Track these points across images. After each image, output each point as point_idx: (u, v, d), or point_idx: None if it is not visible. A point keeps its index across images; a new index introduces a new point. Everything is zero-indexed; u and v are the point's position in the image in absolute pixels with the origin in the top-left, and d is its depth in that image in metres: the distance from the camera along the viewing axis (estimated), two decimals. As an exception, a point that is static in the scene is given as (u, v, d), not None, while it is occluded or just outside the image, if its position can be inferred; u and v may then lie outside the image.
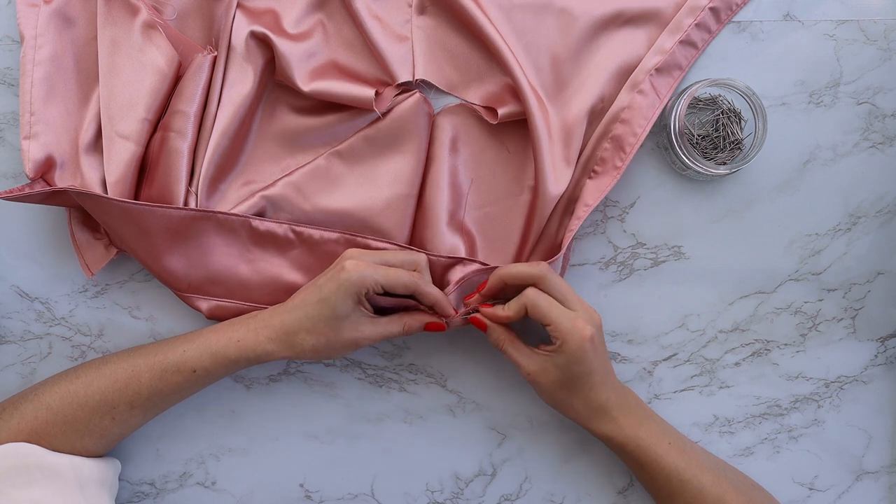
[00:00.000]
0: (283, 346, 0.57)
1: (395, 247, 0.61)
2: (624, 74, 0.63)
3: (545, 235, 0.63)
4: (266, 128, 0.64)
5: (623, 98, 0.63)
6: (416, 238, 0.64)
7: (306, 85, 0.61)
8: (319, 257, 0.62)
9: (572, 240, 0.62)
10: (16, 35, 0.65)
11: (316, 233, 0.61)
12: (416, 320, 0.59)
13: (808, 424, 0.65)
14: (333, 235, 0.61)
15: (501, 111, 0.62)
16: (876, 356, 0.65)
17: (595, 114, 0.63)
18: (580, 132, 0.62)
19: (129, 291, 0.65)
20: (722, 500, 0.56)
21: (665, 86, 0.63)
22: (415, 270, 0.58)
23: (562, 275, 0.63)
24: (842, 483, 0.65)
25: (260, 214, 0.62)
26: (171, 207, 0.59)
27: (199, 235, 0.60)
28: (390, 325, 0.58)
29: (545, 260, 0.61)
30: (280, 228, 0.61)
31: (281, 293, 0.61)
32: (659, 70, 0.63)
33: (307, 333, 0.56)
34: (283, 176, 0.63)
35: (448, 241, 0.62)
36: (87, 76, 0.63)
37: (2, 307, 0.64)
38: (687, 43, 0.64)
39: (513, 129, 0.64)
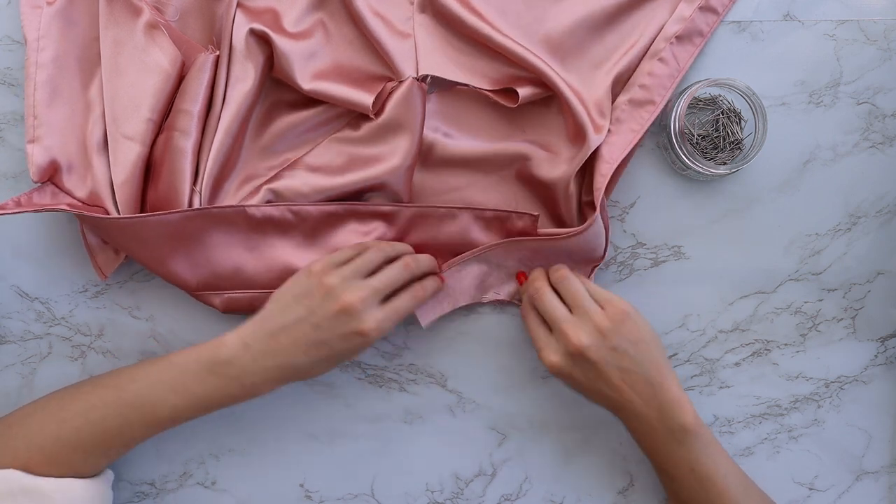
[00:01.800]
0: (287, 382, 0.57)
1: (390, 206, 0.61)
2: (648, 46, 0.64)
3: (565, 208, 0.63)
4: (264, 123, 0.64)
5: (644, 66, 0.63)
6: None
7: (306, 83, 0.61)
8: (322, 232, 0.62)
9: (605, 200, 0.62)
10: (16, 35, 0.65)
11: (314, 209, 0.61)
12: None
13: (808, 424, 0.65)
14: (332, 208, 0.61)
15: (522, 91, 0.61)
16: (876, 356, 0.65)
17: (620, 83, 0.63)
18: (608, 100, 0.62)
19: (129, 291, 0.65)
20: None
21: (685, 54, 0.64)
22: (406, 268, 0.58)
23: (605, 245, 0.63)
24: (842, 483, 0.65)
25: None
26: (165, 213, 0.58)
27: (198, 234, 0.60)
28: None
29: (582, 223, 0.61)
30: (277, 211, 0.61)
31: (289, 274, 0.60)
32: (679, 38, 0.63)
33: (322, 372, 0.57)
34: (283, 168, 0.63)
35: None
36: (90, 77, 0.63)
37: (2, 307, 0.64)
38: (707, 9, 0.64)
39: (528, 113, 0.64)
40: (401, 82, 0.61)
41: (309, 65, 0.62)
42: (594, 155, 0.62)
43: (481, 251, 0.61)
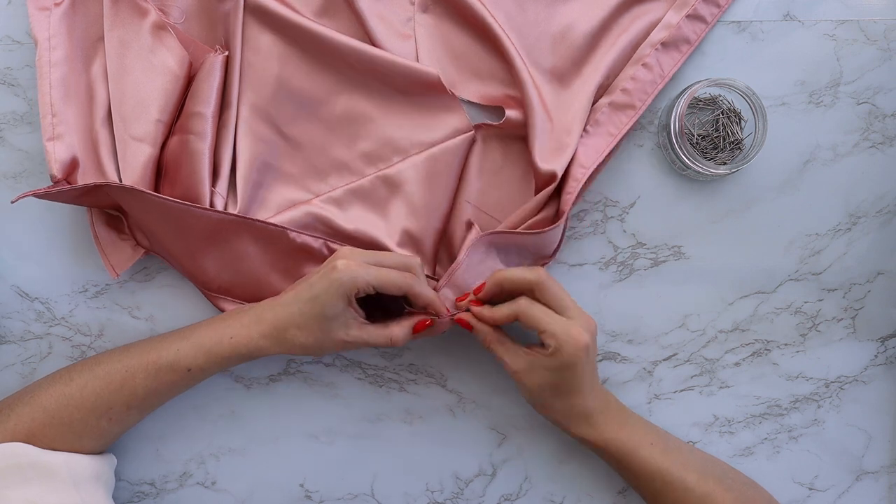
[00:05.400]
0: (274, 343, 0.57)
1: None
2: (633, 50, 0.64)
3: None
4: (315, 141, 0.64)
5: (628, 70, 0.63)
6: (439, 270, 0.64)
7: (363, 53, 0.61)
8: None
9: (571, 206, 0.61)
10: (16, 35, 0.65)
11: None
12: (402, 328, 0.57)
13: (808, 424, 0.65)
14: None
15: (508, 113, 0.62)
16: (876, 356, 0.65)
17: (601, 90, 0.63)
18: (584, 116, 0.62)
19: (129, 291, 0.65)
20: (708, 497, 0.56)
21: (671, 61, 0.63)
22: (408, 272, 0.57)
23: (559, 244, 0.63)
24: (842, 483, 0.65)
25: (300, 227, 0.61)
26: (212, 210, 0.59)
27: (235, 240, 0.60)
28: (376, 335, 0.57)
29: (548, 226, 0.61)
30: (316, 243, 0.61)
31: None
32: (665, 44, 0.63)
33: (297, 329, 0.56)
34: (326, 192, 0.63)
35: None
36: (96, 78, 0.62)
37: (2, 307, 0.64)
38: (695, 17, 0.64)
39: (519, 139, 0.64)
40: (465, 132, 0.62)
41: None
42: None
43: (466, 254, 0.59)
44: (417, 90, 0.63)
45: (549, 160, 0.60)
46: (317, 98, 0.64)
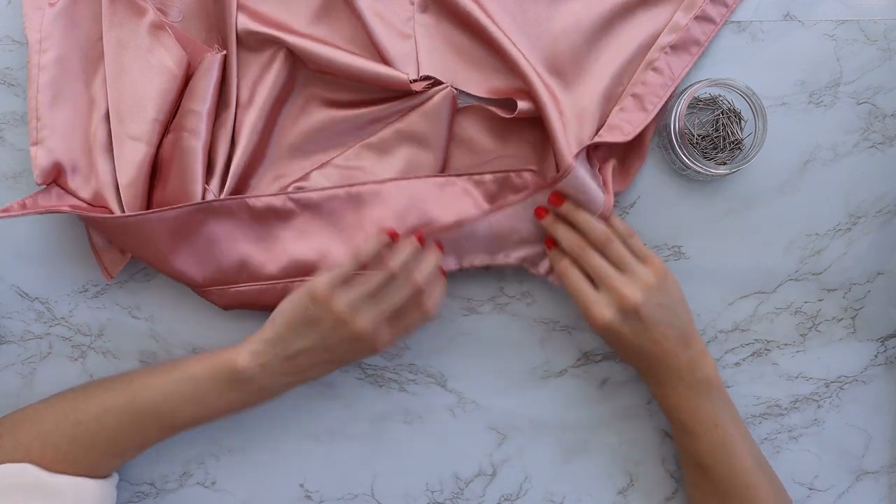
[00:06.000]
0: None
1: (388, 181, 0.61)
2: (642, 54, 0.63)
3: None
4: (296, 123, 0.64)
5: (638, 76, 0.63)
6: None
7: (333, 62, 0.61)
8: (324, 219, 0.62)
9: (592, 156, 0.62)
10: (16, 35, 0.65)
11: (315, 195, 0.61)
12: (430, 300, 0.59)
13: (808, 424, 0.65)
14: (332, 192, 0.61)
15: (521, 104, 0.61)
16: (876, 356, 0.65)
17: (612, 96, 0.63)
18: (594, 114, 0.62)
19: (129, 291, 0.65)
20: (752, 487, 0.57)
21: (681, 63, 0.63)
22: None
23: (607, 191, 0.62)
24: (842, 483, 0.65)
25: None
26: (165, 210, 0.58)
27: (200, 229, 0.60)
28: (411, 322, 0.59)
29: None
30: (278, 200, 0.60)
31: (294, 265, 0.61)
32: (674, 47, 0.63)
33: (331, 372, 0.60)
34: (313, 168, 0.63)
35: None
36: (93, 78, 0.62)
37: (2, 307, 0.64)
38: (703, 18, 0.64)
39: (531, 123, 0.64)
40: (438, 87, 0.62)
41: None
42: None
43: (489, 213, 0.60)
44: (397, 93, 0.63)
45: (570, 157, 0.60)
46: (310, 92, 0.64)
